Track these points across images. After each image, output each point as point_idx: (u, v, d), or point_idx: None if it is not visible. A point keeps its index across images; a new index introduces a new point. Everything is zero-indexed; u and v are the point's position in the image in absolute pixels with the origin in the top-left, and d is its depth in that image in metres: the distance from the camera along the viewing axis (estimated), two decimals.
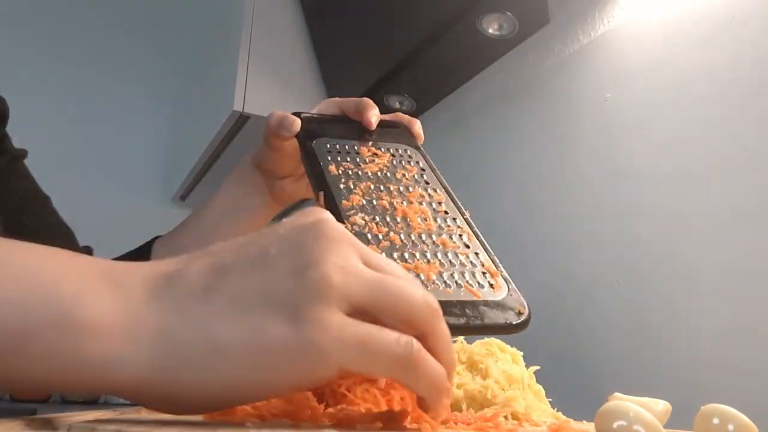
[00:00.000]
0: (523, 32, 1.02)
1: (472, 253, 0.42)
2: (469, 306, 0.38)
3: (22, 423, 0.28)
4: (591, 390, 0.80)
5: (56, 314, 0.23)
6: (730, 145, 0.69)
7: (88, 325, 0.23)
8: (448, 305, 0.36)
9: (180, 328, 0.23)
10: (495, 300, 0.39)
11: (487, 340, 0.54)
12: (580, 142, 0.90)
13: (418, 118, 0.56)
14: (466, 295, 0.39)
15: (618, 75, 0.86)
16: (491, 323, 0.38)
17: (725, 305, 0.66)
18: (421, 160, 0.51)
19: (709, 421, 0.32)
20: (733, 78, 0.70)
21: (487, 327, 0.38)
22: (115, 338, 0.23)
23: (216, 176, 1.75)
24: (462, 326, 0.36)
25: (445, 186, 0.49)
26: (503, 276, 0.42)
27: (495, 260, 0.43)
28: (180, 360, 0.23)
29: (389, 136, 0.53)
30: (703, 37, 0.74)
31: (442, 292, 0.38)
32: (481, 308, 0.38)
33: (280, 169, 0.61)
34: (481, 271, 0.41)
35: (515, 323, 0.39)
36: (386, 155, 0.50)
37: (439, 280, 0.39)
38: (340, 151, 0.49)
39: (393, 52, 1.15)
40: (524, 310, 0.39)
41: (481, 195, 1.10)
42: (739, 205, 0.67)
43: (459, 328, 0.36)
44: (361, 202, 0.43)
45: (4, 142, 0.70)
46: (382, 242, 0.40)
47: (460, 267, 0.41)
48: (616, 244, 0.81)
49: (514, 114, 1.05)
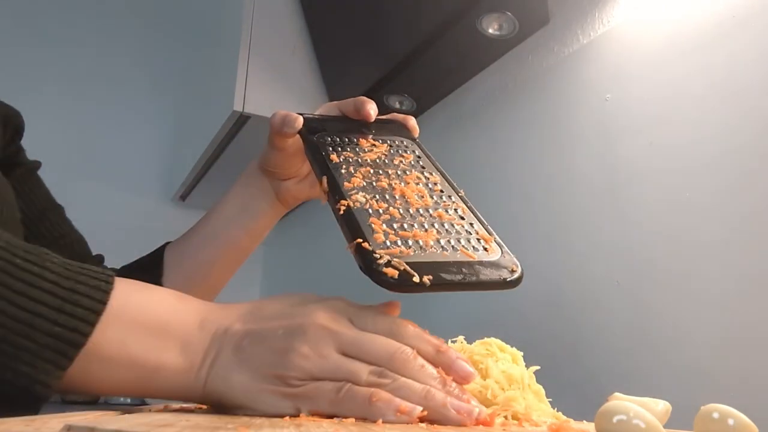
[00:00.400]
0: (523, 32, 1.02)
1: (467, 223, 0.45)
2: (465, 266, 0.41)
3: (22, 423, 0.28)
4: (591, 390, 0.80)
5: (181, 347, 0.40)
6: (731, 145, 0.69)
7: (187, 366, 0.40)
8: (446, 265, 0.40)
9: (220, 375, 0.40)
10: (489, 260, 0.42)
11: (487, 340, 0.54)
12: (580, 142, 0.90)
13: (418, 118, 0.59)
14: (462, 257, 0.41)
15: (618, 75, 0.86)
16: (486, 280, 0.40)
17: (725, 305, 0.66)
18: (417, 150, 0.54)
19: (709, 421, 0.32)
20: (733, 78, 0.70)
21: (482, 283, 0.40)
22: (199, 374, 0.40)
23: (216, 176, 1.75)
24: (459, 282, 0.39)
25: (441, 169, 0.51)
26: (496, 241, 0.44)
27: (488, 228, 0.45)
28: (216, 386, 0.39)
29: (386, 131, 0.56)
30: (704, 37, 0.74)
31: (439, 255, 0.41)
32: (477, 267, 0.41)
33: (283, 170, 0.63)
34: (476, 238, 0.44)
35: (509, 279, 0.41)
36: (384, 145, 0.53)
37: (437, 245, 0.42)
38: (341, 144, 0.52)
39: (393, 52, 1.15)
40: (517, 269, 0.42)
41: (480, 195, 1.10)
42: (740, 205, 0.67)
43: (456, 284, 0.39)
44: (362, 183, 0.46)
45: (20, 155, 0.72)
46: (382, 215, 0.43)
47: (455, 234, 0.44)
48: (616, 244, 0.81)
49: (514, 114, 1.05)
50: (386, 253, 0.39)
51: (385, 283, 0.38)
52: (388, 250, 0.40)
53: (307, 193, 0.65)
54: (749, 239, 0.65)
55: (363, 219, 0.42)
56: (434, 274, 0.39)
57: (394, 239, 0.41)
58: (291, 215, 2.12)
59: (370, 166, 0.49)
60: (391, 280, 0.38)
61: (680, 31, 0.77)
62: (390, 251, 0.39)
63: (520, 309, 0.96)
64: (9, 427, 0.26)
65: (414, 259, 0.39)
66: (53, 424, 0.28)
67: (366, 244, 0.40)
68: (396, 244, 0.41)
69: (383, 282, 0.38)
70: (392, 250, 0.40)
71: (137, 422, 0.29)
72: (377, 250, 0.39)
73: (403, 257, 0.39)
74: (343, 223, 0.43)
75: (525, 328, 0.94)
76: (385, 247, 0.40)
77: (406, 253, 0.40)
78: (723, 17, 0.72)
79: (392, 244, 0.41)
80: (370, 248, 0.39)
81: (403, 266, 0.38)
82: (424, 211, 0.45)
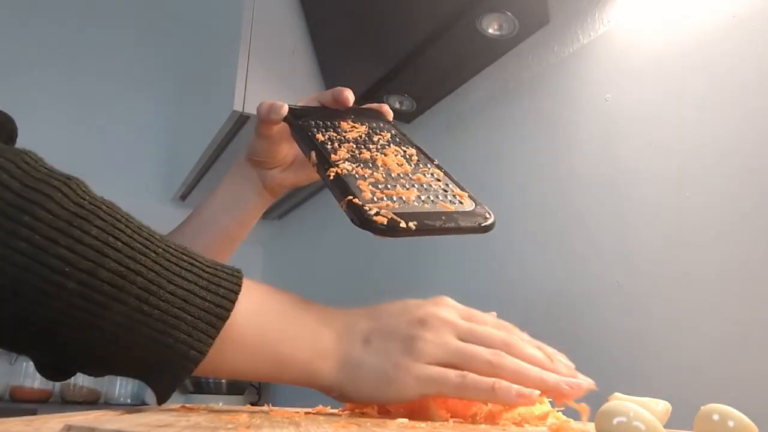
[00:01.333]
0: (523, 32, 1.02)
1: (443, 184, 0.51)
2: (444, 215, 0.46)
3: (22, 423, 0.28)
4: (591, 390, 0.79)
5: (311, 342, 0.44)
6: (731, 145, 0.69)
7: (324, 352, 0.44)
8: (427, 215, 0.45)
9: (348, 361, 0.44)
10: (465, 210, 0.48)
11: None
12: (580, 142, 0.90)
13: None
14: (441, 209, 0.47)
15: (618, 75, 0.86)
16: (464, 225, 0.46)
17: (725, 305, 0.66)
18: (393, 129, 0.60)
19: (709, 421, 0.32)
20: (733, 78, 0.70)
21: (461, 228, 0.46)
22: (329, 363, 0.44)
23: (216, 176, 1.75)
24: (440, 228, 0.45)
25: (416, 144, 0.57)
26: (470, 195, 0.50)
27: (462, 186, 0.51)
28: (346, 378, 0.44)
29: (364, 116, 0.62)
30: (704, 37, 0.74)
31: (421, 207, 0.46)
32: (454, 215, 0.46)
33: (270, 158, 0.67)
34: (452, 194, 0.50)
35: (483, 224, 0.47)
36: (363, 127, 0.59)
37: (418, 200, 0.47)
38: (324, 126, 0.58)
39: (393, 52, 1.15)
40: (490, 216, 0.48)
41: (480, 195, 1.10)
42: (740, 205, 0.67)
43: (438, 229, 0.45)
44: (347, 156, 0.52)
45: None
46: (368, 179, 0.48)
47: (434, 192, 0.49)
48: (616, 244, 0.81)
49: (514, 114, 1.05)
50: (375, 206, 0.44)
51: (377, 229, 0.43)
52: (376, 204, 0.45)
53: (292, 180, 0.69)
54: (749, 239, 0.65)
55: (351, 182, 0.47)
56: (418, 221, 0.44)
57: (380, 196, 0.46)
58: (291, 215, 2.12)
59: (353, 143, 0.55)
60: (381, 226, 0.42)
61: (680, 31, 0.77)
62: (378, 205, 0.45)
63: (520, 309, 0.96)
64: (9, 427, 0.26)
65: (399, 211, 0.45)
66: (53, 424, 0.28)
67: (356, 200, 0.45)
68: (382, 200, 0.46)
69: (375, 228, 0.43)
70: (380, 204, 0.45)
71: (137, 422, 0.29)
72: (366, 204, 0.44)
73: (390, 209, 0.44)
74: (334, 186, 0.48)
75: (525, 327, 0.94)
76: (373, 203, 0.45)
77: (392, 206, 0.45)
78: (723, 17, 0.72)
79: (379, 200, 0.46)
80: (360, 203, 0.44)
81: (391, 215, 0.43)
82: (404, 175, 0.51)
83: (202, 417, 0.35)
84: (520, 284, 0.97)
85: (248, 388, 2.02)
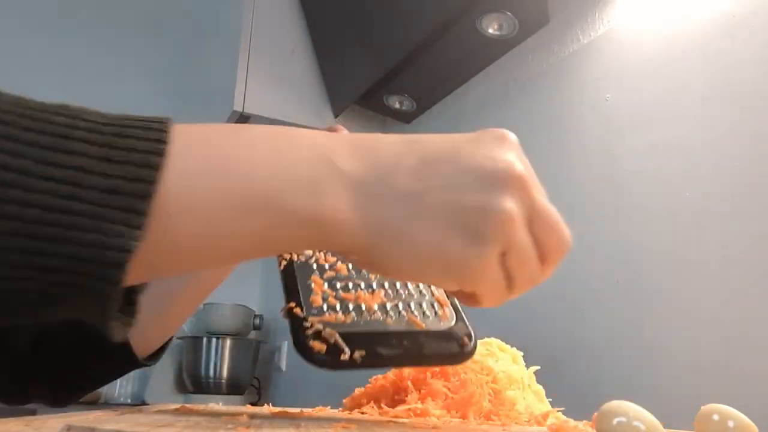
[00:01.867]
0: (523, 32, 1.03)
1: (423, 283, 0.40)
2: (408, 337, 0.36)
3: (22, 423, 0.28)
4: (591, 390, 0.80)
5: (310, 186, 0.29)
6: (730, 145, 0.69)
7: (332, 203, 0.29)
8: (386, 337, 0.35)
9: (385, 223, 0.30)
10: (438, 330, 0.37)
11: (487, 340, 0.54)
12: (580, 142, 0.90)
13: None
14: (408, 326, 0.37)
15: (618, 75, 0.86)
16: (429, 353, 0.36)
17: (725, 305, 0.66)
18: None
19: (709, 421, 0.32)
20: (732, 78, 0.70)
21: (425, 357, 0.36)
22: (345, 216, 0.30)
23: None
24: (396, 356, 0.35)
25: None
26: (453, 304, 0.39)
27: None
28: (379, 244, 0.30)
29: None
30: (703, 37, 0.74)
31: (382, 322, 0.37)
32: (422, 339, 0.36)
33: None
34: (430, 301, 0.39)
35: (454, 353, 0.37)
36: None
37: (381, 310, 0.37)
38: None
39: (393, 52, 1.15)
40: (468, 342, 0.37)
41: None
42: (740, 205, 0.67)
43: (394, 359, 0.35)
44: None
45: None
46: (327, 271, 0.39)
47: (407, 296, 0.39)
48: (616, 244, 0.81)
49: (514, 114, 1.05)
50: (319, 321, 0.35)
51: (311, 358, 0.33)
52: (323, 317, 0.35)
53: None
54: (749, 239, 0.65)
55: (305, 275, 0.39)
56: (369, 349, 0.34)
57: (333, 302, 0.37)
58: None
59: None
60: (317, 356, 0.33)
61: (680, 31, 0.77)
62: (324, 318, 0.35)
63: (520, 309, 0.96)
64: (9, 427, 0.26)
65: (350, 329, 0.35)
66: (53, 424, 0.28)
67: (298, 310, 0.36)
68: (334, 309, 0.37)
69: (309, 357, 0.33)
70: (327, 317, 0.36)
71: (137, 422, 0.29)
72: (309, 317, 0.35)
73: (338, 326, 0.35)
74: (282, 277, 0.39)
75: (525, 328, 0.94)
76: (320, 313, 0.36)
77: (343, 320, 0.36)
78: (723, 17, 0.72)
79: (330, 309, 0.37)
80: (302, 314, 0.35)
81: (335, 338, 0.34)
82: None
83: (202, 417, 0.35)
84: None
85: (248, 388, 2.02)
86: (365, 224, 0.30)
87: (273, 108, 1.37)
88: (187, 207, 0.27)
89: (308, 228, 0.29)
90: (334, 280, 0.39)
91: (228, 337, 1.93)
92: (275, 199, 0.28)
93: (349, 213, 0.30)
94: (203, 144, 0.28)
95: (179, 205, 0.26)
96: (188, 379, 1.95)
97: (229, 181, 0.28)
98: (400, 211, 0.30)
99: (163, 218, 0.26)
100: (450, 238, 0.30)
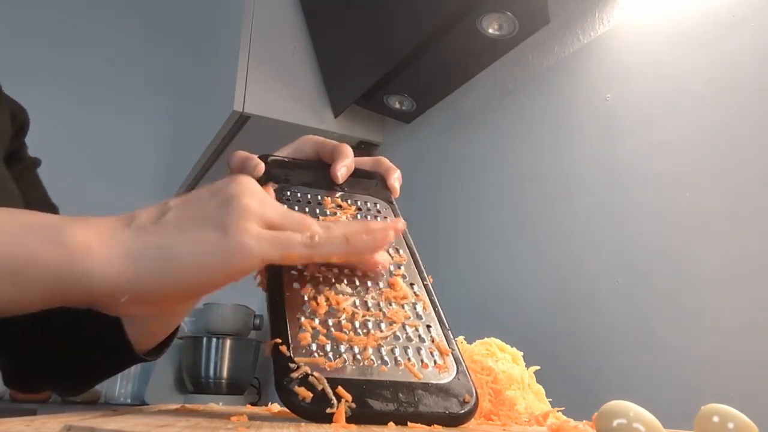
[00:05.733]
0: (523, 32, 1.03)
1: (423, 325, 0.37)
2: (403, 389, 0.33)
3: (22, 423, 0.28)
4: (591, 390, 0.80)
5: (52, 238, 0.32)
6: (731, 145, 0.69)
7: (78, 244, 0.32)
8: (379, 386, 0.32)
9: (139, 247, 0.32)
10: (437, 383, 0.34)
11: (487, 340, 0.54)
12: (580, 142, 0.90)
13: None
14: (404, 375, 0.34)
15: (618, 75, 0.86)
16: (426, 411, 0.32)
17: (726, 305, 0.66)
18: (390, 216, 0.46)
19: (709, 421, 0.32)
20: (733, 77, 0.70)
21: (420, 415, 0.32)
22: (95, 255, 0.32)
23: (216, 176, 1.74)
24: (390, 413, 0.32)
25: (411, 246, 0.44)
26: (454, 355, 0.36)
27: (449, 335, 0.37)
28: (141, 270, 0.32)
29: (360, 187, 0.48)
30: (703, 36, 0.74)
31: (376, 369, 0.33)
32: (419, 392, 0.33)
33: None
34: (429, 349, 0.36)
35: (455, 413, 0.33)
36: (351, 208, 0.45)
37: (376, 354, 0.34)
38: (300, 200, 0.44)
39: (393, 52, 1.15)
40: (470, 399, 0.34)
41: (480, 195, 1.10)
42: (740, 205, 0.67)
43: (386, 415, 0.31)
44: None
45: (22, 151, 0.72)
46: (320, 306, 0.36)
47: (404, 341, 0.36)
48: (616, 244, 0.81)
49: (514, 114, 1.05)
50: (307, 362, 0.32)
51: (294, 405, 0.31)
52: (311, 358, 0.32)
53: None
54: (749, 239, 0.65)
55: (293, 309, 0.35)
56: (359, 400, 0.31)
57: (323, 342, 0.34)
58: None
59: None
60: (302, 404, 0.31)
61: (680, 31, 0.77)
62: (313, 360, 0.32)
63: (520, 309, 0.96)
64: (9, 427, 0.26)
65: (339, 375, 0.32)
66: (53, 424, 0.28)
67: (284, 348, 0.33)
68: (324, 349, 0.33)
69: (292, 405, 0.31)
70: (315, 360, 0.32)
71: (137, 422, 0.29)
72: (297, 357, 0.32)
73: (327, 371, 0.32)
74: (268, 312, 0.36)
75: (525, 327, 0.94)
76: (308, 353, 0.33)
77: (332, 365, 0.32)
78: (723, 17, 0.72)
79: (319, 349, 0.33)
80: (288, 354, 0.32)
81: (323, 385, 0.31)
82: (374, 303, 0.37)
83: (202, 417, 0.35)
84: (520, 284, 0.97)
85: (248, 388, 2.02)
86: (122, 256, 0.32)
87: (273, 108, 1.37)
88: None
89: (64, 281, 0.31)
90: (327, 315, 0.35)
91: (228, 337, 1.93)
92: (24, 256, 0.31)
93: (100, 247, 0.32)
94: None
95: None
96: (188, 379, 1.95)
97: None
98: (151, 235, 0.33)
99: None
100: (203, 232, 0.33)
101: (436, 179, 1.24)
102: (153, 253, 0.32)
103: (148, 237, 0.32)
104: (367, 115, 1.42)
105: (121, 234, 0.33)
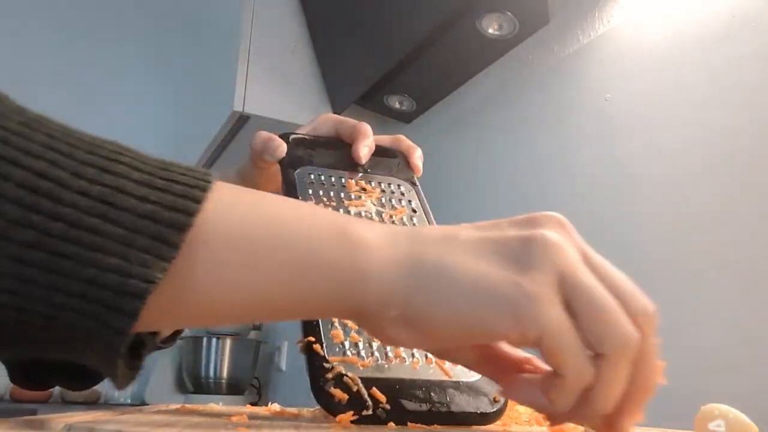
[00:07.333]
0: (523, 32, 1.02)
1: None
2: (435, 388, 0.32)
3: (22, 423, 0.28)
4: None
5: (338, 233, 0.28)
6: (731, 145, 0.69)
7: (361, 240, 0.28)
8: (411, 386, 0.32)
9: (424, 259, 0.28)
10: (468, 382, 0.34)
11: None
12: (580, 142, 0.90)
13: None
14: (435, 374, 0.33)
15: (618, 75, 0.86)
16: (458, 411, 0.32)
17: (726, 306, 0.66)
18: (414, 199, 0.46)
19: (710, 421, 0.32)
20: (733, 78, 0.70)
21: (453, 415, 0.32)
22: (376, 254, 0.28)
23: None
24: (424, 413, 0.31)
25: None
26: None
27: None
28: (418, 284, 0.27)
29: (383, 167, 0.47)
30: (703, 36, 0.74)
31: (408, 367, 0.33)
32: (450, 391, 0.33)
33: (263, 186, 0.59)
34: None
35: (487, 412, 0.33)
36: (375, 191, 0.44)
37: (407, 352, 0.34)
38: (324, 183, 0.44)
39: (393, 52, 1.15)
40: (498, 400, 0.34)
41: (480, 195, 1.10)
42: (740, 205, 0.67)
43: (421, 415, 0.31)
44: None
45: None
46: None
47: None
48: (617, 245, 0.81)
49: (514, 114, 1.05)
50: (340, 361, 0.32)
51: (331, 407, 0.30)
52: (344, 357, 0.32)
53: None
54: (749, 239, 0.65)
55: None
56: (393, 401, 0.31)
57: (356, 339, 0.33)
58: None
59: None
60: (338, 405, 0.30)
61: (680, 31, 0.77)
62: (346, 360, 0.32)
63: None
64: (9, 427, 0.26)
65: (372, 374, 0.32)
66: (53, 424, 0.28)
67: (318, 346, 0.32)
68: (356, 347, 0.33)
69: (329, 407, 0.30)
70: (349, 359, 0.32)
71: (137, 422, 0.29)
72: (330, 356, 0.32)
73: (361, 371, 0.31)
74: None
75: None
76: (341, 352, 0.33)
77: (365, 364, 0.32)
78: (723, 17, 0.72)
79: (351, 347, 0.33)
80: (322, 353, 0.32)
81: (357, 386, 0.31)
82: None
83: (202, 417, 0.35)
84: None
85: (248, 388, 2.02)
86: (400, 262, 0.28)
87: (273, 108, 1.37)
88: (217, 252, 0.25)
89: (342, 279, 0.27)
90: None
91: (228, 337, 1.93)
92: (308, 251, 0.27)
93: (380, 246, 0.28)
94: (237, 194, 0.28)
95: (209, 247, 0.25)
96: (188, 379, 1.95)
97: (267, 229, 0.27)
98: (437, 248, 0.28)
99: (190, 256, 0.24)
100: (493, 265, 0.27)
101: (435, 179, 1.24)
102: (434, 272, 0.27)
103: (433, 253, 0.28)
104: (367, 115, 1.42)
105: (407, 242, 0.29)
